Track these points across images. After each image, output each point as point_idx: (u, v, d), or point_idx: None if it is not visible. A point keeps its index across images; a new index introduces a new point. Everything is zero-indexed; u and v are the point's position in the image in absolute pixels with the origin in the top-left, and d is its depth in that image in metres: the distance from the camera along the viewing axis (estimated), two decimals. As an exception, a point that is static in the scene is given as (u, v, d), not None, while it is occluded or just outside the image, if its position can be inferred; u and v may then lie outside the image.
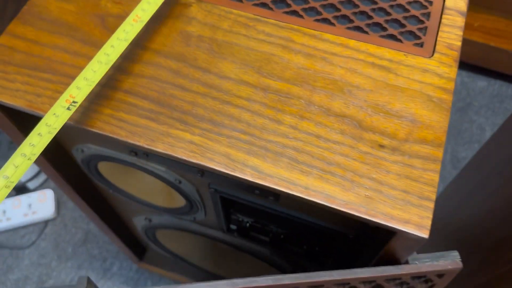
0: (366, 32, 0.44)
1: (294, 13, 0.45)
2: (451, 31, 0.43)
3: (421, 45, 0.43)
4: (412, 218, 0.35)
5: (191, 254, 0.87)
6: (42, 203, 1.06)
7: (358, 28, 0.44)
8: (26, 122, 0.47)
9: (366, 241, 0.46)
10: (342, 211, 0.35)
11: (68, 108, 0.37)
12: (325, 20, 0.44)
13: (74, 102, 0.37)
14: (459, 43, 0.43)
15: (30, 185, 1.09)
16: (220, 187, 0.50)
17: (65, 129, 0.50)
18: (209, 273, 0.92)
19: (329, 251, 0.55)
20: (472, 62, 1.24)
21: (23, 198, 1.07)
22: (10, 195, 1.10)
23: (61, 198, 1.10)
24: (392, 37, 0.43)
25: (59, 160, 0.56)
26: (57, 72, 0.41)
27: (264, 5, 0.45)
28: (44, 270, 1.02)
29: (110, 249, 1.04)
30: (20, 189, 1.10)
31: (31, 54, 0.42)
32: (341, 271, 0.40)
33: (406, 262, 0.41)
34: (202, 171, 0.47)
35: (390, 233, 0.37)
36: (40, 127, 0.36)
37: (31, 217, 1.05)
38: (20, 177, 0.35)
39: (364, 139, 0.38)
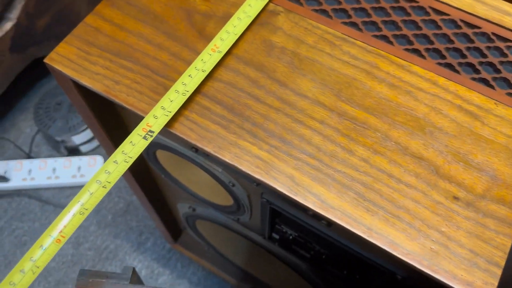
0: (458, 72, 0.41)
1: (384, 38, 0.43)
2: (552, 85, 0.40)
3: (516, 95, 0.40)
4: (476, 282, 0.33)
5: (225, 247, 0.88)
6: (91, 168, 1.09)
7: (450, 66, 0.41)
8: (97, 101, 0.48)
9: (418, 287, 0.44)
10: (403, 261, 0.34)
11: (145, 138, 0.37)
12: (416, 51, 0.42)
13: (150, 131, 0.37)
14: (559, 101, 0.39)
15: (83, 148, 1.13)
16: (273, 199, 0.49)
17: (134, 113, 0.50)
18: (239, 268, 0.92)
19: (370, 282, 0.54)
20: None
21: (74, 160, 1.10)
22: (62, 155, 1.14)
23: (109, 165, 1.13)
24: (484, 81, 0.41)
25: (120, 138, 0.56)
26: (138, 62, 0.41)
27: (353, 24, 0.43)
28: (82, 232, 1.06)
29: (148, 224, 1.06)
30: (72, 151, 1.13)
31: (115, 39, 0.43)
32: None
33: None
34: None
35: (446, 289, 0.35)
36: (116, 155, 0.37)
37: (79, 179, 1.08)
38: (95, 204, 0.36)
39: (438, 187, 0.36)
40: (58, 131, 1.07)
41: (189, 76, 0.40)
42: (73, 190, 1.11)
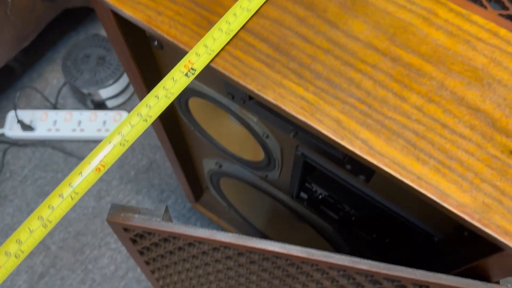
0: (522, 23, 0.38)
1: (443, -16, 0.40)
2: None
3: None
4: (529, 240, 0.31)
5: (247, 208, 0.87)
6: (116, 123, 1.09)
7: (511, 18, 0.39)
8: (136, 38, 0.47)
9: (455, 249, 0.42)
10: (453, 212, 0.32)
11: (186, 75, 0.36)
12: (476, 1, 0.39)
13: (192, 69, 0.36)
14: None
15: (109, 103, 1.12)
16: (309, 152, 0.47)
17: (171, 51, 0.49)
18: (258, 230, 0.92)
19: (401, 246, 0.52)
20: None
21: (100, 114, 1.10)
22: (88, 108, 1.14)
23: (133, 122, 1.12)
24: (550, 35, 0.38)
25: (154, 83, 0.55)
26: (182, -7, 0.39)
27: (411, -32, 0.41)
28: (104, 186, 1.06)
29: (170, 182, 1.06)
30: (98, 105, 1.13)
31: (159, -30, 0.41)
32: (424, 272, 0.37)
33: (497, 283, 0.37)
34: (296, 131, 0.44)
35: (494, 248, 0.34)
36: (157, 90, 0.36)
37: (104, 133, 1.08)
38: (136, 137, 0.35)
39: (494, 141, 0.34)
40: (85, 84, 1.07)
41: (233, 14, 0.38)
42: (97, 144, 1.11)
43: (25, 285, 0.96)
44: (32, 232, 0.31)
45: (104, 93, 1.08)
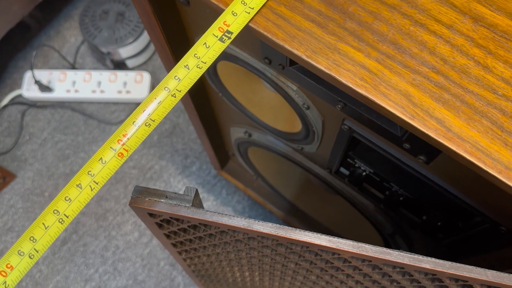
0: None
1: None
2: None
3: None
4: None
5: (277, 178, 0.82)
6: (137, 84, 1.03)
7: None
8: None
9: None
10: (551, 212, 0.26)
11: (221, 40, 0.30)
12: None
13: (228, 32, 0.30)
14: None
15: (129, 63, 1.06)
16: (358, 127, 0.41)
17: (199, 8, 0.42)
18: (288, 201, 0.87)
19: (457, 232, 0.46)
20: None
21: (120, 74, 1.04)
22: (107, 68, 1.08)
23: (156, 83, 1.07)
24: None
25: (180, 47, 0.49)
26: None
27: None
28: (126, 150, 1.02)
29: (194, 148, 1.01)
30: (118, 65, 1.07)
31: None
32: (497, 273, 0.31)
33: None
34: (344, 103, 0.38)
35: None
36: (187, 58, 0.30)
37: (124, 95, 1.03)
38: (163, 116, 0.30)
39: None
40: (104, 42, 1.01)
41: (276, -39, 0.31)
42: (118, 106, 1.06)
43: (48, 251, 0.94)
44: (47, 228, 0.27)
45: (124, 52, 1.02)
